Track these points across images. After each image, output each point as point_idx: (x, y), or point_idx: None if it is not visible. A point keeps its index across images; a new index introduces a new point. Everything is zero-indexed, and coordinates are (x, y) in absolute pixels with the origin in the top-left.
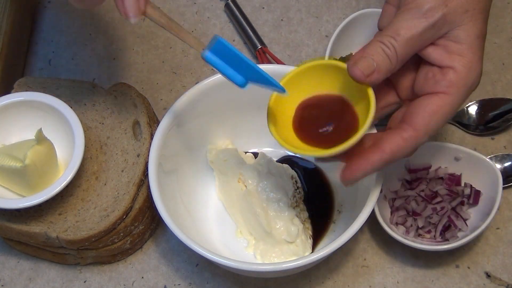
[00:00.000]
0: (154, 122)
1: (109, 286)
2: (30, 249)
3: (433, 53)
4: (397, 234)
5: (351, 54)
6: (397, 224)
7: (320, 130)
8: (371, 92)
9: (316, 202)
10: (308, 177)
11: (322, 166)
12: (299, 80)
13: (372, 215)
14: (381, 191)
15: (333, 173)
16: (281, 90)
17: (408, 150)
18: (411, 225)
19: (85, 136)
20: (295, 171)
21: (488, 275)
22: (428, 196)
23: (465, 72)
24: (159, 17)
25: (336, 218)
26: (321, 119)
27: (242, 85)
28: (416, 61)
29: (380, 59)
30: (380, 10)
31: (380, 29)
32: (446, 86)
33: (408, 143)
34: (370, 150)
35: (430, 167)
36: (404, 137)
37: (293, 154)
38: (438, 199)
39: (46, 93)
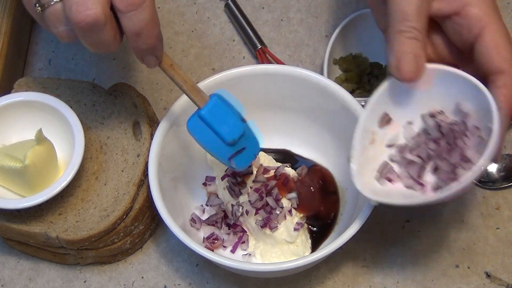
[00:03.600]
0: (154, 122)
1: (109, 286)
2: (30, 249)
3: (440, 4)
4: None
5: (351, 54)
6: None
7: None
8: None
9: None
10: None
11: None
12: None
13: (372, 215)
14: None
15: (333, 172)
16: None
17: None
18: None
19: (85, 136)
20: (295, 170)
21: (488, 275)
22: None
23: None
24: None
25: (336, 218)
26: None
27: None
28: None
29: (412, 46)
30: None
31: (384, 29)
32: (478, 19)
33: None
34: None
35: None
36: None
37: (291, 151)
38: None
39: (46, 93)
